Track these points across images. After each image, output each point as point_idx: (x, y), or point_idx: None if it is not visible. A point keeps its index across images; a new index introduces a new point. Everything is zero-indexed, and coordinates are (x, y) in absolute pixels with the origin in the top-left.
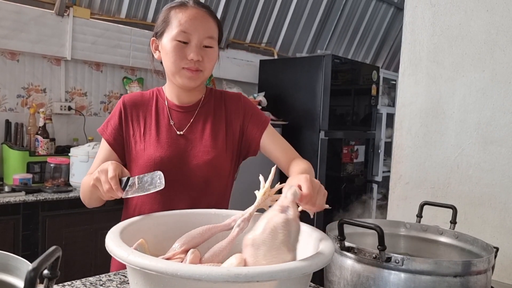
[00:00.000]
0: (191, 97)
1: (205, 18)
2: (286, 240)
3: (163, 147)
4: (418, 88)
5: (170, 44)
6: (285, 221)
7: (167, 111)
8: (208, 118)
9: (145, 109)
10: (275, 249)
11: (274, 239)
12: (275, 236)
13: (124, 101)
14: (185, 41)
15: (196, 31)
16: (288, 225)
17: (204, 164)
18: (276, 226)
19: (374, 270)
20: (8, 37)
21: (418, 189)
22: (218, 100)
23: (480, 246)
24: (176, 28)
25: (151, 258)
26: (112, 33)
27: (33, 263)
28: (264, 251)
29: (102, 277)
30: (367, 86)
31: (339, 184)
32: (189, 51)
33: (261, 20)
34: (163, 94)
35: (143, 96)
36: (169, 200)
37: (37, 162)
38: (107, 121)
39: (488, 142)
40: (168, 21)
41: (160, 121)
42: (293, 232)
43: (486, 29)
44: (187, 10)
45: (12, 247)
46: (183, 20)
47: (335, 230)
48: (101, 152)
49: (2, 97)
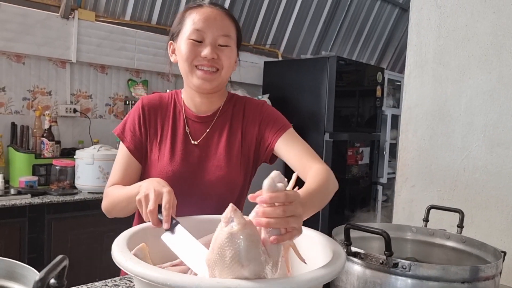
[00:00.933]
0: (208, 105)
1: (220, 16)
2: (236, 256)
3: (176, 161)
4: (424, 90)
5: (184, 43)
6: (229, 236)
7: (184, 118)
8: (224, 128)
9: (163, 114)
10: (226, 268)
11: (222, 258)
12: (223, 254)
13: (143, 105)
14: (199, 40)
15: (210, 29)
16: (233, 240)
17: (216, 180)
18: (222, 244)
19: (381, 276)
20: (14, 40)
21: (424, 192)
22: (238, 108)
23: (487, 251)
24: (190, 27)
25: (145, 266)
26: (117, 35)
27: (40, 273)
28: (219, 271)
29: (108, 281)
30: (372, 88)
31: (344, 186)
32: (203, 49)
33: (266, 22)
34: (181, 99)
35: (162, 99)
36: (180, 214)
37: (42, 165)
38: (125, 124)
39: (495, 145)
40: (183, 22)
41: (176, 129)
42: (242, 245)
43: (492, 30)
44: (202, 9)
45: (18, 249)
46: (196, 19)
47: (341, 234)
48: (122, 158)
49: (8, 99)
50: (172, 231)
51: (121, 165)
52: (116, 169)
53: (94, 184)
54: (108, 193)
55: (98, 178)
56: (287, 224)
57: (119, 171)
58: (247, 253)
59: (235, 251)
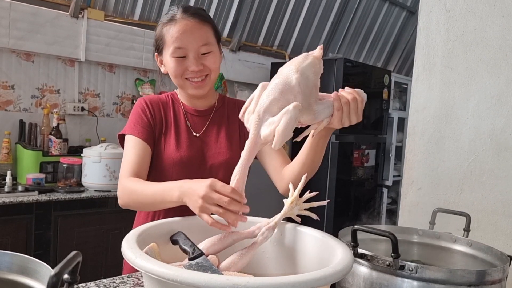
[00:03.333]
0: (203, 102)
1: (195, 27)
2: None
3: (183, 148)
4: (432, 93)
5: (169, 61)
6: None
7: (183, 113)
8: (223, 122)
9: (164, 109)
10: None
11: (290, 64)
12: (291, 63)
13: (145, 100)
14: (183, 55)
15: (190, 43)
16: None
17: (219, 164)
18: (293, 61)
19: (387, 278)
20: (24, 38)
21: (430, 195)
22: (232, 107)
23: (494, 255)
24: (171, 46)
25: (155, 262)
26: (126, 35)
27: (55, 268)
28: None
29: (116, 279)
30: (379, 90)
31: (349, 188)
32: (189, 64)
33: (273, 23)
34: (178, 98)
35: (160, 98)
36: None
37: (50, 162)
38: (134, 122)
39: (503, 149)
40: (162, 38)
41: (178, 123)
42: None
43: (501, 34)
44: (176, 24)
45: (25, 246)
46: (174, 36)
47: (347, 236)
48: (133, 148)
49: (17, 97)
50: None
51: (135, 154)
52: (131, 158)
53: (101, 182)
54: (129, 188)
55: (105, 176)
56: (349, 109)
57: (134, 159)
58: None
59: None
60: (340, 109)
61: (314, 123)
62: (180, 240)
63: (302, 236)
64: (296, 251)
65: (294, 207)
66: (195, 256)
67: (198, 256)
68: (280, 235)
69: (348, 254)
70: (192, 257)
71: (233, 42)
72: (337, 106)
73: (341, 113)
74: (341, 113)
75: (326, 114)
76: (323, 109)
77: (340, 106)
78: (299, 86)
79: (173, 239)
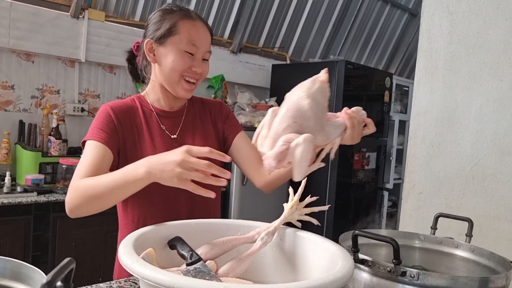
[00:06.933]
0: (177, 103)
1: (207, 32)
2: (309, 91)
3: (160, 151)
4: (434, 96)
5: (177, 53)
6: (313, 80)
7: (155, 116)
8: (196, 121)
9: (132, 115)
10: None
11: (301, 87)
12: (301, 86)
13: (112, 107)
14: (192, 53)
15: (202, 45)
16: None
17: None
18: (303, 85)
19: (388, 284)
20: (25, 38)
21: (432, 199)
22: (201, 106)
23: (496, 261)
24: (186, 40)
25: (151, 268)
26: (126, 35)
27: (47, 276)
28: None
29: (113, 283)
30: (380, 93)
31: (350, 190)
32: (195, 63)
33: (274, 25)
34: (146, 101)
35: (126, 103)
36: (173, 203)
37: (49, 163)
38: (96, 128)
39: (505, 153)
40: (175, 30)
41: (150, 127)
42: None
43: (505, 38)
44: (195, 23)
45: (23, 247)
46: (193, 33)
47: (348, 241)
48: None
49: (16, 97)
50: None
51: (92, 157)
52: (87, 162)
53: None
54: (82, 186)
55: None
56: (360, 127)
57: (90, 163)
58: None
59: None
60: (353, 127)
61: (327, 143)
62: (178, 245)
63: (302, 241)
64: (296, 256)
65: (295, 212)
66: (193, 262)
67: (196, 261)
68: (280, 240)
69: (349, 260)
70: (190, 262)
71: (234, 43)
72: (350, 124)
73: (353, 130)
74: (353, 130)
75: (337, 133)
76: (334, 129)
77: (353, 124)
78: (311, 111)
79: (171, 243)
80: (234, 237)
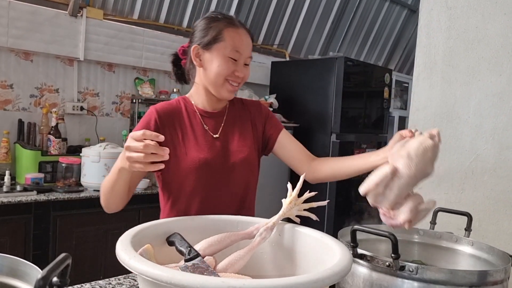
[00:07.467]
0: (219, 104)
1: (249, 40)
2: (433, 158)
3: (204, 150)
4: (433, 92)
5: (222, 59)
6: (435, 145)
7: (199, 117)
8: (236, 121)
9: (177, 116)
10: (423, 162)
11: (424, 155)
12: (426, 154)
13: (157, 110)
14: (236, 59)
15: (245, 51)
16: (435, 148)
17: (240, 162)
18: (427, 147)
19: (387, 279)
20: (23, 37)
21: (431, 194)
22: (241, 106)
23: (496, 255)
24: (231, 47)
25: (149, 264)
26: (125, 34)
27: (43, 271)
28: (416, 162)
29: (112, 280)
30: (380, 89)
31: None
32: (238, 68)
33: (273, 22)
34: (190, 102)
35: (172, 104)
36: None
37: (49, 162)
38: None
39: (504, 148)
40: (220, 37)
41: (194, 127)
42: (436, 153)
43: (503, 32)
44: (239, 30)
45: (23, 246)
46: (237, 41)
47: (347, 236)
48: None
49: (15, 96)
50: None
51: None
52: None
53: (100, 182)
54: (101, 185)
55: (104, 176)
56: None
57: None
58: (435, 159)
59: (434, 155)
60: None
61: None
62: (176, 241)
63: (300, 236)
64: (294, 252)
65: (293, 208)
66: (191, 258)
67: (194, 257)
68: (279, 236)
69: (347, 255)
70: (188, 258)
71: None
72: None
73: None
74: None
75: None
76: None
77: None
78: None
79: (169, 240)
80: (233, 233)
